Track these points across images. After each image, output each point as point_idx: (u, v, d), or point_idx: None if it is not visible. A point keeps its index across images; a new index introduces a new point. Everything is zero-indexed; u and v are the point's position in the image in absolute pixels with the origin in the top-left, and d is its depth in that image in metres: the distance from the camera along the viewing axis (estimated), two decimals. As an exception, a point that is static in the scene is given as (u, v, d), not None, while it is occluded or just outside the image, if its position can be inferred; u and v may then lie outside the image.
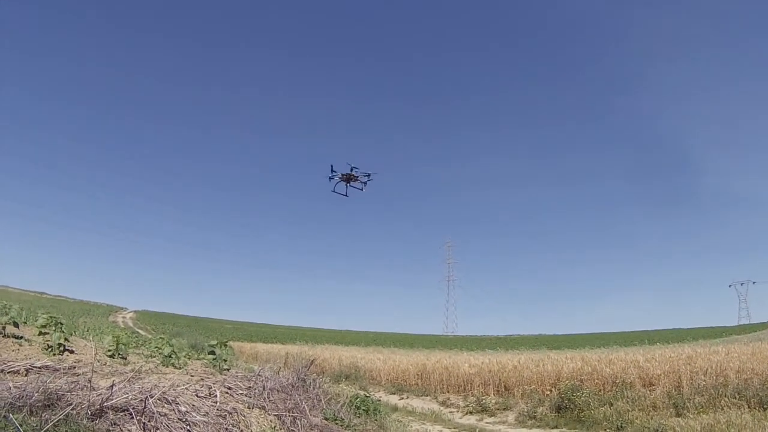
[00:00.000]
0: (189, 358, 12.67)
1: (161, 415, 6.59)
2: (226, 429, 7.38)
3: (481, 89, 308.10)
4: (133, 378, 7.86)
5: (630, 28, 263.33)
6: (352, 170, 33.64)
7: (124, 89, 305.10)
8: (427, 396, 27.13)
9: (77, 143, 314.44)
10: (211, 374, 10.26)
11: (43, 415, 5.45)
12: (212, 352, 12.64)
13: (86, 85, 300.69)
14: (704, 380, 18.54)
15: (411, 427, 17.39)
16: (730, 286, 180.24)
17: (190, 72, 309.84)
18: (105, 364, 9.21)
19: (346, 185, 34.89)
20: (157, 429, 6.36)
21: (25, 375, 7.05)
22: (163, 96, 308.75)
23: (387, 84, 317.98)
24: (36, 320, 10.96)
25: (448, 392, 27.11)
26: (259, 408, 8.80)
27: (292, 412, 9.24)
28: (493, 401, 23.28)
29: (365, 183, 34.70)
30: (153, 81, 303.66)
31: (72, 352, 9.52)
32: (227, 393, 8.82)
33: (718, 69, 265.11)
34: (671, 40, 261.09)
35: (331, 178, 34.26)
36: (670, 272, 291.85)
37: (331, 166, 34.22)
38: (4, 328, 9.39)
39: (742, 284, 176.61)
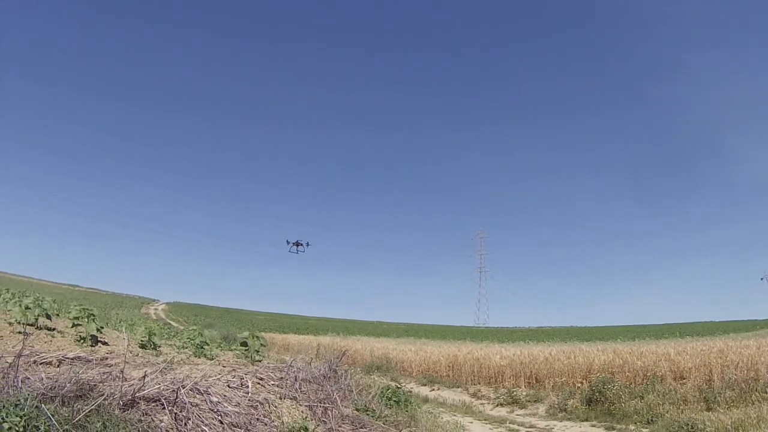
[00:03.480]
0: (221, 350, 12.71)
1: (193, 406, 6.56)
2: (257, 419, 7.33)
3: (515, 79, 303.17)
4: (165, 369, 7.85)
5: (664, 14, 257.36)
6: (297, 241, 63.87)
7: (160, 82, 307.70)
8: (458, 387, 27.00)
9: (109, 136, 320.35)
10: (243, 365, 10.24)
11: (75, 405, 5.43)
12: (244, 344, 12.64)
13: (112, 78, 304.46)
14: (735, 374, 18.12)
15: (442, 418, 17.26)
16: (762, 278, 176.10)
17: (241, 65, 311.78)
18: (137, 355, 9.24)
19: (297, 248, 64.41)
20: (189, 419, 6.33)
21: (58, 366, 7.07)
22: (186, 87, 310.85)
23: (420, 74, 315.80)
24: (68, 312, 11.05)
25: (479, 384, 26.95)
26: (291, 399, 8.74)
27: (324, 403, 9.17)
28: (524, 393, 23.07)
29: (306, 247, 64.72)
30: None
31: (104, 343, 9.58)
32: (259, 384, 8.78)
33: (752, 56, 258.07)
34: (703, 27, 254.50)
35: (288, 244, 64.11)
36: (701, 264, 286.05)
37: (287, 240, 64.43)
38: (36, 320, 9.47)
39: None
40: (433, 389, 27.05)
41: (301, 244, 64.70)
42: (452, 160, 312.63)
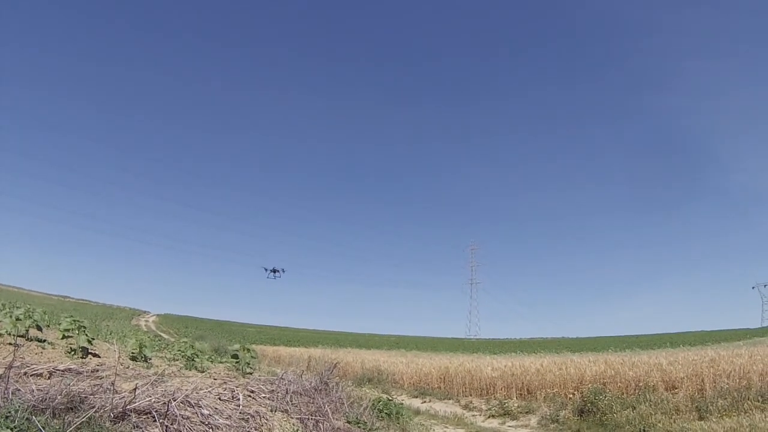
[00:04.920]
0: (212, 362, 12.67)
1: (184, 418, 6.54)
2: (249, 432, 7.32)
3: (511, 89, 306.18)
4: (156, 381, 7.82)
5: (661, 24, 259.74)
6: (273, 268, 70.66)
7: (154, 92, 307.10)
8: (449, 399, 26.93)
9: (100, 146, 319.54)
10: (234, 378, 10.22)
11: (66, 417, 5.42)
12: (235, 356, 12.64)
13: (105, 86, 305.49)
14: (727, 383, 18.21)
15: (433, 430, 17.27)
16: (753, 287, 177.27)
17: (211, 72, 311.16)
18: (128, 367, 9.21)
19: (274, 274, 71.20)
20: (180, 432, 6.32)
21: (48, 378, 7.04)
22: (186, 98, 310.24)
23: (412, 84, 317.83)
24: (59, 324, 11.00)
25: (471, 395, 26.89)
26: (282, 411, 8.73)
27: (315, 416, 9.16)
28: (516, 405, 23.03)
29: (282, 273, 71.52)
30: (197, 85, 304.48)
31: (95, 355, 9.54)
32: (250, 396, 8.77)
33: (749, 65, 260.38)
34: (700, 37, 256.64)
35: (265, 271, 70.87)
36: (692, 274, 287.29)
37: (264, 267, 71.08)
38: (27, 331, 9.43)
39: (765, 286, 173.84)
40: (425, 401, 26.96)
41: (278, 271, 73.11)
42: (446, 171, 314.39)
